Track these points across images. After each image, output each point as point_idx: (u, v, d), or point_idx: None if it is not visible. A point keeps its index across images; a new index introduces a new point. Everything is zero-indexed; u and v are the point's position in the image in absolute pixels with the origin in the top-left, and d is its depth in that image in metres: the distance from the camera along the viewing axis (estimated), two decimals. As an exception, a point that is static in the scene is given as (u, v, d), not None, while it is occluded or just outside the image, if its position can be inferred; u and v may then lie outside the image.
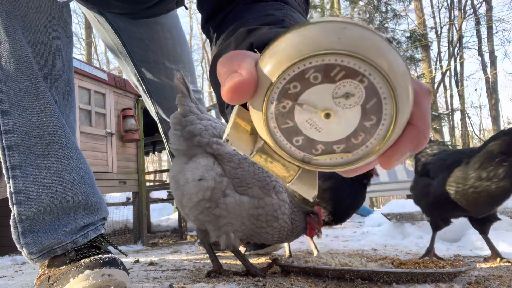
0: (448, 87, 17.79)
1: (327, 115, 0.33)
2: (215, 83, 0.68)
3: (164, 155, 18.16)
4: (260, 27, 0.62)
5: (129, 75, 1.79)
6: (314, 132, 0.34)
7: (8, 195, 1.04)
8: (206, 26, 0.90)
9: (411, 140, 0.35)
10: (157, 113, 1.87)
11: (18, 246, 1.06)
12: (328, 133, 0.34)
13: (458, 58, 16.44)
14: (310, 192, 0.40)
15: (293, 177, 0.39)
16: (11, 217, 1.04)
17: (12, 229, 1.04)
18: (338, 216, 1.95)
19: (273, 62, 0.33)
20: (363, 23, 0.32)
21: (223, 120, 1.64)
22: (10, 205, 1.04)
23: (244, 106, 0.39)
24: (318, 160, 0.36)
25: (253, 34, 0.60)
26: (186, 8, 1.68)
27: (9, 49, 1.01)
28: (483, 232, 1.81)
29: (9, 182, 1.03)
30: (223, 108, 0.69)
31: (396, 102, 0.32)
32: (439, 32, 16.68)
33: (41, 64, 1.08)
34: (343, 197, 1.93)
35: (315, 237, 1.92)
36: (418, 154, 1.99)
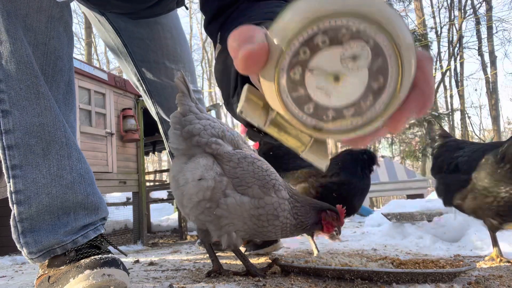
0: (448, 87, 17.80)
1: (336, 79, 0.34)
2: (221, 77, 0.69)
3: (164, 155, 18.16)
4: (263, 21, 0.63)
5: (130, 75, 1.79)
6: (324, 98, 0.35)
7: (8, 195, 1.04)
8: (209, 27, 0.92)
9: (416, 102, 0.36)
10: (157, 113, 1.87)
11: (18, 246, 1.06)
12: (338, 97, 0.35)
13: (458, 58, 16.44)
14: (322, 162, 0.41)
15: (305, 146, 0.40)
16: (11, 216, 1.04)
17: (12, 229, 1.04)
18: (348, 211, 1.96)
19: (281, 32, 0.34)
20: None
21: (223, 120, 1.64)
22: (10, 205, 1.04)
23: (253, 86, 0.41)
24: (329, 126, 0.36)
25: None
26: (187, 8, 1.69)
27: (10, 49, 1.01)
28: None
29: (9, 182, 1.03)
30: (229, 100, 0.69)
31: (401, 61, 0.33)
32: (439, 32, 16.69)
33: (42, 64, 1.08)
34: (355, 191, 1.94)
35: (316, 237, 1.93)
36: (437, 152, 1.93)
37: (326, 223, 1.43)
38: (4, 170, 1.04)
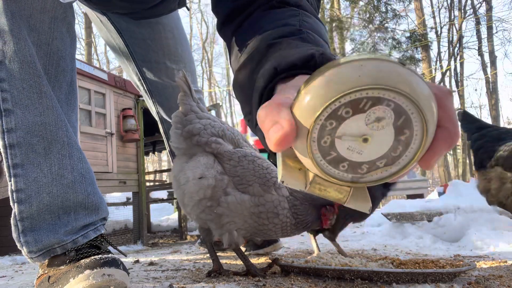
0: (448, 87, 17.78)
1: (365, 140, 0.38)
2: (242, 92, 0.73)
3: (164, 155, 18.17)
4: (278, 41, 0.66)
5: (131, 74, 1.80)
6: (357, 156, 0.39)
7: (9, 193, 1.04)
8: (222, 29, 0.93)
9: (444, 141, 0.38)
10: (158, 112, 1.87)
11: (18, 245, 1.06)
12: (369, 154, 0.38)
13: (458, 58, 16.45)
14: (365, 206, 0.44)
15: (347, 197, 0.43)
16: (12, 215, 1.04)
17: (13, 228, 1.05)
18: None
19: (307, 109, 0.38)
20: (377, 55, 0.37)
21: (223, 120, 1.64)
22: (11, 203, 1.04)
23: None
24: (366, 178, 0.40)
25: (273, 51, 0.64)
26: (188, 9, 1.69)
27: (14, 48, 1.02)
28: None
29: (10, 180, 1.03)
30: (250, 117, 0.71)
31: (423, 113, 0.36)
32: (439, 32, 16.69)
33: (45, 64, 1.09)
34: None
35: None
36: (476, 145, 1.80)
37: (325, 218, 1.44)
38: (5, 169, 1.04)
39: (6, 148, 1.03)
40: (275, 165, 1.43)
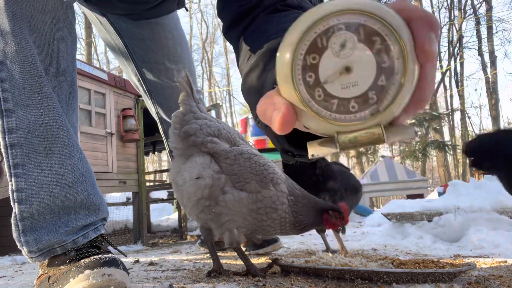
0: (448, 87, 17.80)
1: (348, 69, 0.37)
2: (249, 96, 0.76)
3: (164, 155, 18.17)
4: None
5: (130, 75, 1.80)
6: (355, 89, 0.37)
7: (10, 193, 1.04)
8: (228, 33, 0.96)
9: (424, 25, 0.37)
10: (157, 113, 1.87)
11: (18, 245, 1.06)
12: (364, 79, 0.37)
13: (458, 58, 16.45)
14: (408, 131, 0.40)
15: (383, 134, 0.39)
16: (13, 215, 1.05)
17: (13, 227, 1.05)
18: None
19: (284, 79, 0.38)
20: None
21: (223, 120, 1.64)
22: (12, 203, 1.04)
23: None
24: (381, 105, 0.37)
25: None
26: (187, 10, 1.69)
27: (15, 48, 1.02)
28: None
29: (11, 180, 1.04)
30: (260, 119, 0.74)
31: (374, 15, 0.36)
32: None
33: (46, 65, 1.09)
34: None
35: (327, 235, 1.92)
36: None
37: (329, 224, 1.40)
38: (6, 169, 1.05)
39: (7, 148, 1.03)
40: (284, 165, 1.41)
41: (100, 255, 1.01)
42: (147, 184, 5.36)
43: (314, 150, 0.42)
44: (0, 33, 1.02)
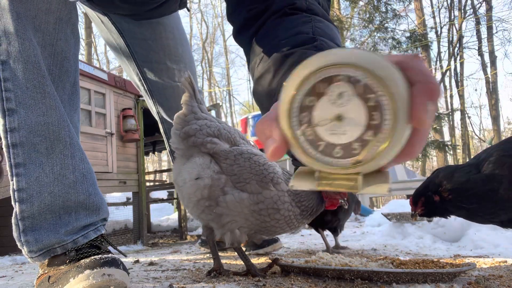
0: (448, 87, 17.78)
1: (339, 118, 0.39)
2: (260, 101, 0.79)
3: (164, 155, 18.17)
4: (294, 51, 0.72)
5: (131, 74, 1.80)
6: (343, 137, 0.40)
7: (11, 193, 1.04)
8: (238, 37, 0.98)
9: (421, 93, 0.37)
10: (158, 112, 1.88)
11: (18, 244, 1.06)
12: (353, 130, 0.39)
13: (458, 58, 16.44)
14: (382, 187, 0.42)
15: (359, 183, 0.42)
16: (13, 214, 1.05)
17: (14, 227, 1.05)
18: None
19: (282, 114, 0.41)
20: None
21: (223, 120, 1.64)
22: (13, 203, 1.04)
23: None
24: (363, 156, 0.39)
25: (289, 61, 0.70)
26: (188, 10, 1.70)
27: (18, 48, 1.03)
28: None
29: (12, 180, 1.04)
30: None
31: (372, 73, 0.37)
32: (439, 32, 16.68)
33: (49, 65, 1.10)
34: None
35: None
36: None
37: (329, 199, 1.43)
38: (7, 168, 1.05)
39: (8, 148, 1.03)
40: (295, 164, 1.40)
41: (100, 255, 1.01)
42: (147, 184, 5.36)
43: (295, 181, 0.45)
44: (4, 33, 1.02)
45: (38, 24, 1.07)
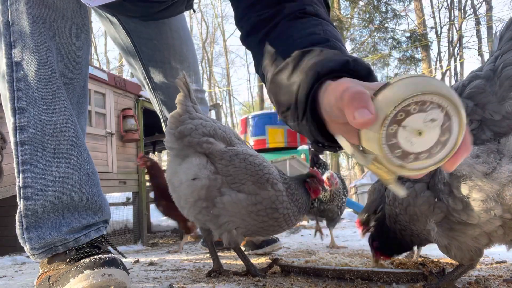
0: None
1: (420, 133, 0.50)
2: (277, 94, 0.82)
3: (164, 155, 18.16)
4: (311, 49, 0.77)
5: (137, 73, 1.84)
6: (409, 146, 0.50)
7: (17, 190, 1.06)
8: (247, 40, 1.01)
9: (465, 148, 0.52)
10: (161, 111, 1.91)
11: (21, 241, 1.07)
12: (418, 146, 0.50)
13: (458, 58, 16.45)
14: (402, 191, 0.59)
15: (393, 179, 0.55)
16: (17, 211, 1.06)
17: (17, 224, 1.06)
18: None
19: (386, 102, 0.50)
20: (427, 76, 0.51)
21: (223, 120, 1.64)
22: (18, 199, 1.06)
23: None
24: (409, 165, 0.52)
25: (308, 57, 0.75)
26: (194, 11, 1.73)
27: (32, 50, 1.06)
28: None
29: (18, 177, 1.05)
30: (286, 114, 0.80)
31: (461, 122, 0.50)
32: (439, 32, 16.69)
33: (62, 67, 1.14)
34: None
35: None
36: None
37: (312, 190, 1.48)
38: (14, 165, 1.07)
39: (17, 145, 1.05)
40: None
41: (100, 255, 1.01)
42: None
43: (355, 154, 0.56)
44: (20, 36, 1.06)
45: (56, 28, 1.11)
